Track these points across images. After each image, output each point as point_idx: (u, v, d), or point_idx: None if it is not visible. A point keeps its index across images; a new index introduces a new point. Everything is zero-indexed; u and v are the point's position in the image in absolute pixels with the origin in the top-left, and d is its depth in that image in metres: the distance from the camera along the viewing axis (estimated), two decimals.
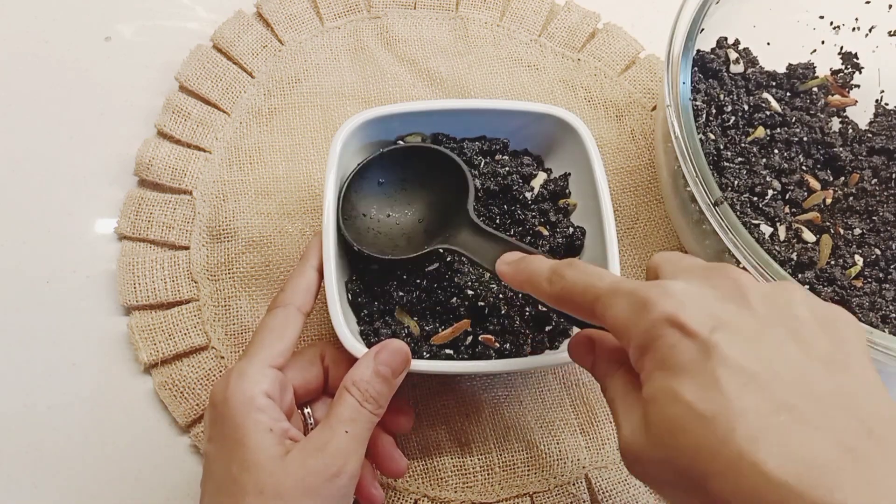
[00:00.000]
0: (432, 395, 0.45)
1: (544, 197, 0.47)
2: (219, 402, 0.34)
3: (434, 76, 0.55)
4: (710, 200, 0.40)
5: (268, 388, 0.34)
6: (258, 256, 0.48)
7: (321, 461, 0.32)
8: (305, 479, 0.32)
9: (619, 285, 0.29)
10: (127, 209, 0.49)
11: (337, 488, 0.33)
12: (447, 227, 0.42)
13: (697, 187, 0.41)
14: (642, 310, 0.27)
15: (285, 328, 0.37)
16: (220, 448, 0.33)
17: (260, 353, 0.36)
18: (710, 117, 0.48)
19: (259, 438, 0.32)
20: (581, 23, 0.58)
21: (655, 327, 0.26)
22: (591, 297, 0.29)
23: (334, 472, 0.32)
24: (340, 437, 0.33)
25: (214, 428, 0.34)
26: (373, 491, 0.38)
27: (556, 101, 0.55)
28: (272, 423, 0.33)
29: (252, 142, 0.51)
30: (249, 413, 0.33)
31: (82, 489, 0.43)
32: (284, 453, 0.33)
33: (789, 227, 0.46)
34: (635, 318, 0.27)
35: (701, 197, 0.41)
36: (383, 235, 0.43)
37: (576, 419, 0.46)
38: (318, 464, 0.32)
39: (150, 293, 0.46)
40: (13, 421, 0.44)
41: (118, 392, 0.45)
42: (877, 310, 0.43)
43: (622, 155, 0.54)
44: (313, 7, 0.56)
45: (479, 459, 0.44)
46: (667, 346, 0.26)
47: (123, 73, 0.54)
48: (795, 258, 0.44)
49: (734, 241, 0.39)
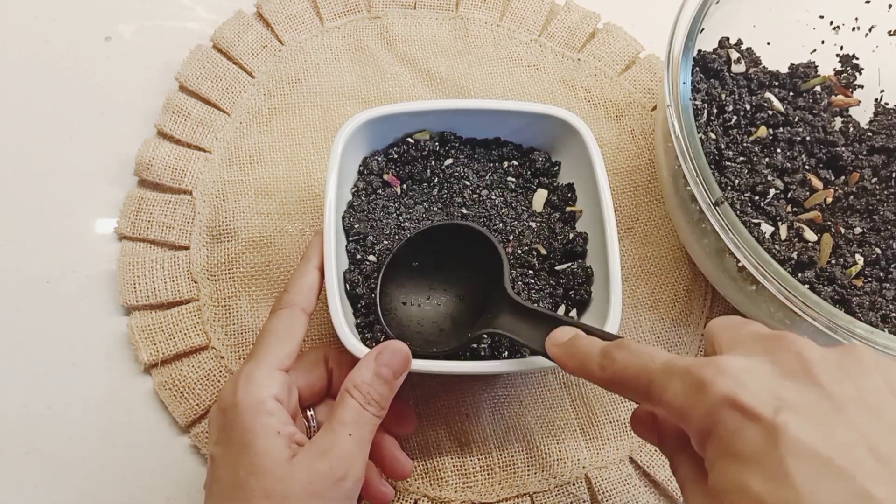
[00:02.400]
0: (432, 395, 0.45)
1: (553, 206, 0.47)
2: (227, 407, 0.34)
3: (434, 76, 0.55)
4: (711, 200, 0.40)
5: (276, 391, 0.34)
6: (258, 256, 0.48)
7: (326, 465, 0.32)
8: (312, 484, 0.32)
9: (672, 365, 0.27)
10: (127, 209, 0.49)
11: (343, 492, 0.33)
12: (488, 301, 0.40)
13: (698, 187, 0.41)
14: (699, 392, 0.25)
15: (291, 330, 0.37)
16: (226, 452, 0.33)
17: (267, 356, 0.36)
18: (712, 117, 0.48)
19: (267, 443, 0.32)
20: (581, 23, 0.58)
21: (715, 411, 0.24)
22: (644, 381, 0.27)
23: (340, 476, 0.32)
24: (344, 441, 0.33)
25: (222, 432, 0.34)
26: (382, 489, 0.38)
27: (556, 101, 0.55)
28: (280, 427, 0.33)
29: (252, 142, 0.51)
30: (259, 417, 0.33)
31: (82, 489, 0.43)
32: (291, 457, 0.33)
33: (791, 227, 0.46)
34: (692, 401, 0.25)
35: (701, 196, 0.41)
36: (427, 321, 0.43)
37: (576, 419, 0.46)
38: (324, 468, 0.32)
39: (150, 293, 0.46)
40: (13, 421, 0.44)
41: (118, 392, 0.45)
42: (877, 309, 0.43)
43: (622, 155, 0.54)
44: (313, 7, 0.56)
45: (479, 459, 0.44)
46: (728, 431, 0.24)
47: (123, 73, 0.54)
48: (795, 257, 0.44)
49: (734, 240, 0.39)
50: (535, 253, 0.45)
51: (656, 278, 0.50)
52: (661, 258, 0.51)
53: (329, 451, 0.33)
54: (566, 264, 0.45)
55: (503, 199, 0.47)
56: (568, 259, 0.46)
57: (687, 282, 0.50)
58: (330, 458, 0.33)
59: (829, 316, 0.38)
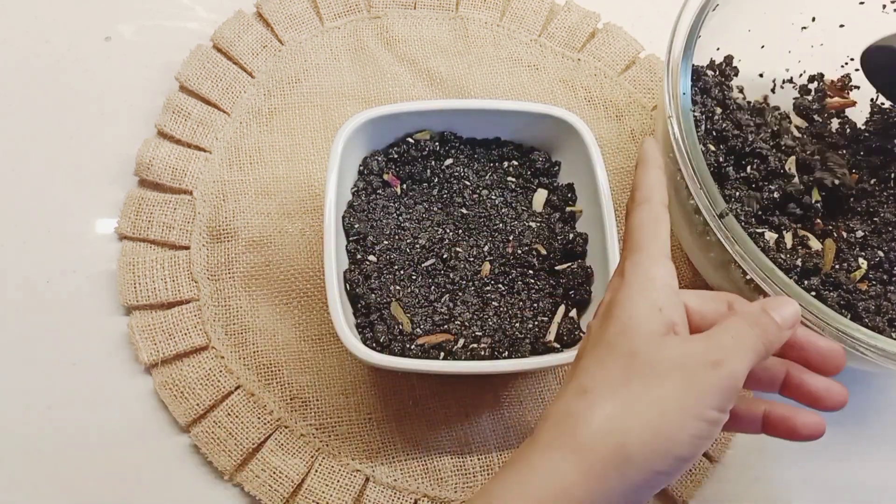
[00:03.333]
0: (432, 395, 0.45)
1: (553, 206, 0.47)
2: (615, 285, 0.32)
3: (434, 76, 0.55)
4: (716, 213, 0.40)
5: (666, 275, 0.32)
6: (258, 256, 0.48)
7: (702, 346, 0.30)
8: (682, 358, 0.30)
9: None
10: (127, 209, 0.49)
11: (717, 378, 0.29)
12: None
13: (702, 200, 0.40)
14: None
15: (657, 223, 0.34)
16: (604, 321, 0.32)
17: (647, 245, 0.33)
18: (710, 126, 0.48)
19: (644, 311, 0.31)
20: (581, 23, 0.58)
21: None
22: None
23: (715, 360, 0.30)
24: (725, 336, 0.31)
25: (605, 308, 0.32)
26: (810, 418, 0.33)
27: (556, 101, 0.55)
28: (663, 305, 0.31)
29: (252, 142, 0.51)
30: (645, 290, 0.31)
31: (82, 489, 0.43)
32: (665, 335, 0.31)
33: (795, 234, 0.46)
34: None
35: (706, 210, 0.40)
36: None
37: None
38: (698, 348, 0.30)
39: (151, 293, 0.46)
40: (13, 420, 0.44)
41: (118, 392, 0.45)
42: (883, 313, 0.43)
43: (622, 155, 0.54)
44: (313, 7, 0.56)
45: (479, 459, 0.44)
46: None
47: (123, 73, 0.54)
48: (800, 265, 0.44)
49: (740, 252, 0.39)
50: (535, 253, 0.45)
51: None
52: None
53: (707, 337, 0.31)
54: (566, 264, 0.45)
55: (503, 199, 0.47)
56: (568, 259, 0.46)
57: (686, 282, 0.50)
58: (709, 342, 0.30)
59: (835, 324, 0.38)
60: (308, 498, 0.42)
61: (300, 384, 0.45)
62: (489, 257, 0.45)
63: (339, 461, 0.43)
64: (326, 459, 0.43)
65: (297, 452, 0.43)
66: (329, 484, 0.42)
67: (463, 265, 0.44)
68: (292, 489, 0.42)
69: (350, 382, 0.45)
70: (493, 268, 0.45)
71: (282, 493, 0.42)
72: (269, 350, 0.46)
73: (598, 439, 0.29)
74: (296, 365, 0.45)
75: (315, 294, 0.47)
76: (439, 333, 0.42)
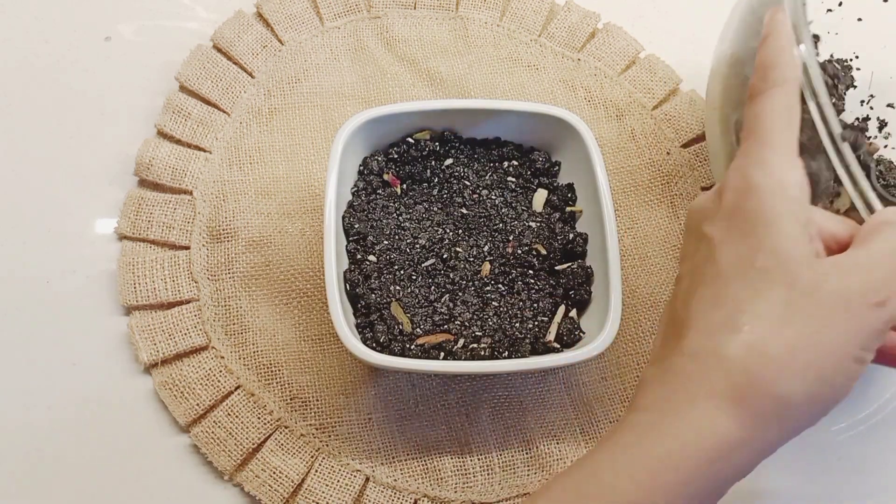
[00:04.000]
0: (432, 395, 0.45)
1: (553, 206, 0.47)
2: (740, 188, 0.29)
3: (434, 76, 0.55)
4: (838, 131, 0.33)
5: (802, 178, 0.29)
6: (258, 256, 0.48)
7: (865, 281, 0.27)
8: (844, 293, 0.27)
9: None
10: (127, 209, 0.49)
11: (878, 319, 0.27)
12: None
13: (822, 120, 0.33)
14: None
15: (791, 112, 0.30)
16: (734, 234, 0.29)
17: (776, 138, 0.29)
18: None
19: (792, 229, 0.28)
20: (581, 23, 0.58)
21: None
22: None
23: (879, 300, 0.27)
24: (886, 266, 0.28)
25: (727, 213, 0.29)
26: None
27: (556, 101, 0.55)
28: (804, 219, 0.28)
29: (252, 142, 0.51)
30: (782, 200, 0.28)
31: (82, 489, 0.43)
32: (816, 255, 0.28)
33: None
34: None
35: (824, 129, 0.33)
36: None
37: (576, 419, 0.46)
38: (862, 284, 0.27)
39: (151, 293, 0.46)
40: (13, 421, 0.44)
41: (118, 392, 0.45)
42: None
43: (622, 155, 0.54)
44: (313, 7, 0.56)
45: (479, 459, 0.44)
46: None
47: (123, 73, 0.54)
48: None
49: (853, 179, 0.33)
50: (535, 253, 0.45)
51: (656, 278, 0.50)
52: (661, 258, 0.51)
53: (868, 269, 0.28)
54: (566, 264, 0.45)
55: (503, 199, 0.47)
56: (568, 259, 0.46)
57: None
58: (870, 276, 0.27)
59: None
60: (308, 498, 0.42)
61: (300, 384, 0.45)
62: (489, 257, 0.45)
63: (339, 461, 0.43)
64: (326, 459, 0.43)
65: (297, 452, 0.43)
66: (329, 484, 0.42)
67: (463, 265, 0.44)
68: (292, 489, 0.42)
69: (350, 382, 0.45)
70: (493, 268, 0.45)
71: (282, 493, 0.42)
72: (269, 350, 0.46)
73: (762, 389, 0.26)
74: (296, 365, 0.45)
75: (315, 294, 0.47)
76: (439, 333, 0.42)
